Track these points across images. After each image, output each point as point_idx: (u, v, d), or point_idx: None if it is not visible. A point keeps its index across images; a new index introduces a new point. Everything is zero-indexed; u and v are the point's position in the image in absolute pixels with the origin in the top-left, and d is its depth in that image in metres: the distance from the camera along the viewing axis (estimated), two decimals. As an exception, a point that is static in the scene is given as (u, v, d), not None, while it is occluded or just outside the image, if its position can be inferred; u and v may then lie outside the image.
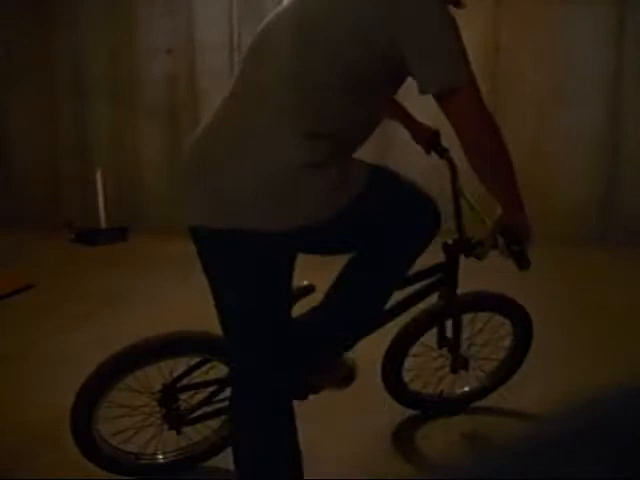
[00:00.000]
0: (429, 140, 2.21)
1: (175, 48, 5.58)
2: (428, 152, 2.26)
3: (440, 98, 1.45)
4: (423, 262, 1.95)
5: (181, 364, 2.14)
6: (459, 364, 2.39)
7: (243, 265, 1.55)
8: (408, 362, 2.42)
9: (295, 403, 1.77)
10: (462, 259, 2.18)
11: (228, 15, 5.39)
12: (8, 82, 5.86)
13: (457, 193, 2.15)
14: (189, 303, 3.88)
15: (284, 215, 1.45)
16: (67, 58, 5.76)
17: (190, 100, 5.63)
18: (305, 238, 1.51)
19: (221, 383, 2.13)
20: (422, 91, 1.45)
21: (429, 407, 2.55)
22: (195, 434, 2.24)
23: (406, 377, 2.44)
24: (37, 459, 2.31)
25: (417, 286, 2.14)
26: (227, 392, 2.06)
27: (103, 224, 5.54)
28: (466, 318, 2.39)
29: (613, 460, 0.42)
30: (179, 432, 2.15)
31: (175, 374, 2.14)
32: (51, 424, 2.52)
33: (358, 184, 1.54)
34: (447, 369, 2.43)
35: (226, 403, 2.05)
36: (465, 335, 2.41)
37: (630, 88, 5.02)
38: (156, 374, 2.12)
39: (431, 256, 1.99)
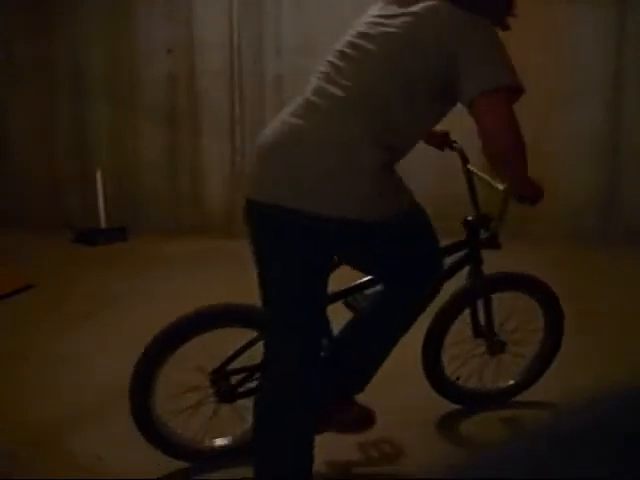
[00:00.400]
0: (442, 140, 2.41)
1: (175, 48, 5.58)
2: (442, 149, 2.45)
3: (485, 97, 1.64)
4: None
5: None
6: (496, 348, 2.46)
7: (293, 243, 1.72)
8: (446, 350, 2.46)
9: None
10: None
11: (228, 15, 5.39)
12: (8, 82, 5.86)
13: (470, 175, 2.30)
14: (189, 303, 3.88)
15: (341, 206, 1.64)
16: (67, 58, 5.75)
17: (190, 100, 5.63)
18: (351, 233, 1.69)
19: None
20: (467, 94, 1.65)
21: (469, 401, 2.59)
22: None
23: (446, 367, 2.49)
24: (37, 459, 2.31)
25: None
26: None
27: (103, 224, 5.54)
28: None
29: (613, 460, 0.42)
30: (231, 403, 2.20)
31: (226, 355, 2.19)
32: (51, 424, 2.52)
33: (404, 199, 1.77)
34: (478, 361, 2.49)
35: None
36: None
37: (631, 88, 5.02)
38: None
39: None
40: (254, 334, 2.17)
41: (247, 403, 2.17)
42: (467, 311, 2.46)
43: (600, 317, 3.51)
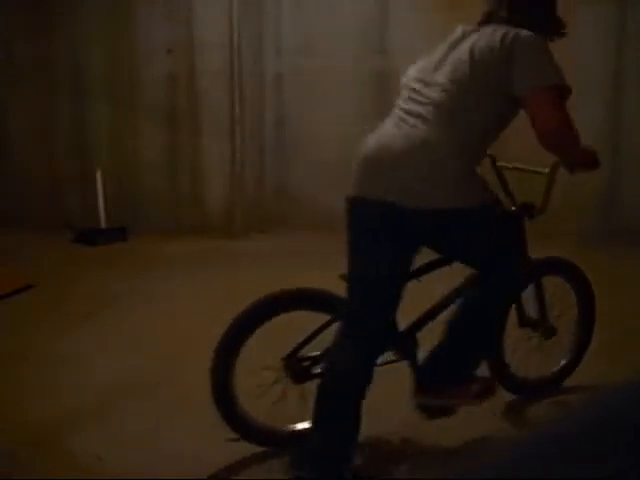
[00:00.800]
0: None
1: (175, 48, 5.58)
2: None
3: (534, 95, 1.93)
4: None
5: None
6: (549, 333, 2.59)
7: (387, 233, 1.99)
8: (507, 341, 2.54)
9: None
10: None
11: (228, 15, 5.39)
12: (8, 82, 5.86)
13: (500, 171, 2.44)
14: (189, 303, 3.88)
15: (432, 199, 1.95)
16: (67, 58, 5.75)
17: (190, 100, 5.63)
18: (441, 220, 1.97)
19: None
20: (521, 90, 1.93)
21: (526, 390, 2.67)
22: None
23: (507, 357, 2.56)
24: (37, 459, 2.31)
25: None
26: None
27: (103, 224, 5.54)
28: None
29: (623, 452, 0.42)
30: (304, 383, 2.28)
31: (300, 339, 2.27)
32: (51, 424, 2.52)
33: (486, 196, 2.06)
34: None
35: None
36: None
37: (631, 88, 5.02)
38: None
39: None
40: (326, 318, 2.24)
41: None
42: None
43: (600, 317, 3.51)
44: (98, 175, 5.56)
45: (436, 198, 1.96)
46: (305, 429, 2.30)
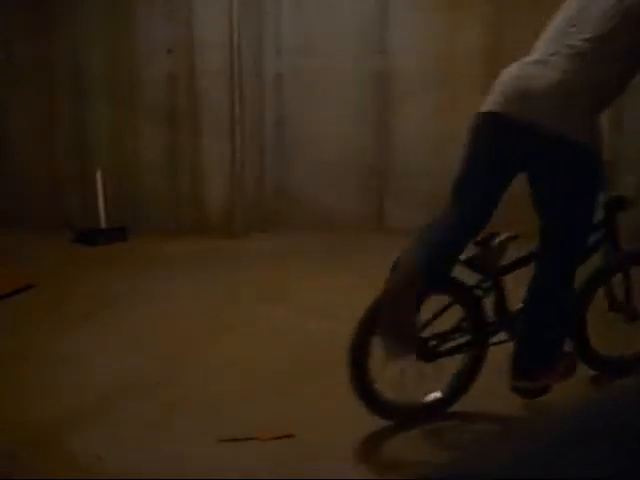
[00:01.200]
0: None
1: (175, 48, 5.58)
2: None
3: None
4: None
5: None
6: (632, 315, 2.74)
7: (507, 145, 2.26)
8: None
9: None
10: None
11: (228, 15, 5.39)
12: (8, 82, 5.86)
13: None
14: (189, 303, 3.88)
15: (557, 122, 2.18)
16: (67, 58, 5.75)
17: (190, 100, 5.63)
18: (553, 145, 2.19)
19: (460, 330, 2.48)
20: None
21: (610, 368, 2.78)
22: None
23: (591, 337, 2.69)
24: (37, 459, 2.31)
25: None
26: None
27: (103, 224, 5.54)
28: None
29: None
30: (432, 361, 2.43)
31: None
32: (51, 424, 2.52)
33: (599, 145, 2.26)
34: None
35: (463, 340, 2.45)
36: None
37: (630, 88, 5.01)
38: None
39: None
40: (445, 300, 2.39)
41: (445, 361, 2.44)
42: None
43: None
44: (98, 175, 5.56)
45: (561, 124, 2.17)
46: (438, 397, 2.47)
